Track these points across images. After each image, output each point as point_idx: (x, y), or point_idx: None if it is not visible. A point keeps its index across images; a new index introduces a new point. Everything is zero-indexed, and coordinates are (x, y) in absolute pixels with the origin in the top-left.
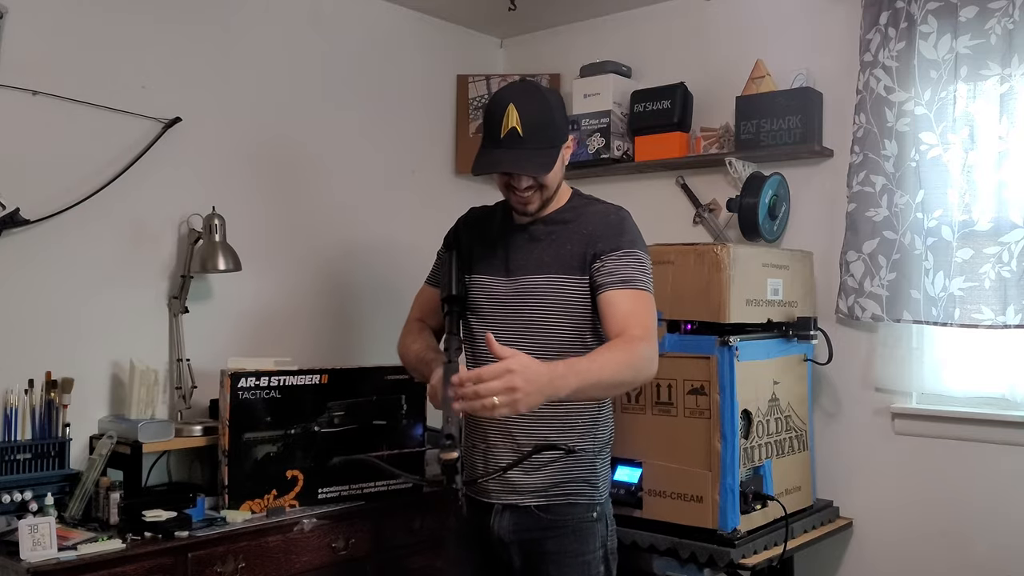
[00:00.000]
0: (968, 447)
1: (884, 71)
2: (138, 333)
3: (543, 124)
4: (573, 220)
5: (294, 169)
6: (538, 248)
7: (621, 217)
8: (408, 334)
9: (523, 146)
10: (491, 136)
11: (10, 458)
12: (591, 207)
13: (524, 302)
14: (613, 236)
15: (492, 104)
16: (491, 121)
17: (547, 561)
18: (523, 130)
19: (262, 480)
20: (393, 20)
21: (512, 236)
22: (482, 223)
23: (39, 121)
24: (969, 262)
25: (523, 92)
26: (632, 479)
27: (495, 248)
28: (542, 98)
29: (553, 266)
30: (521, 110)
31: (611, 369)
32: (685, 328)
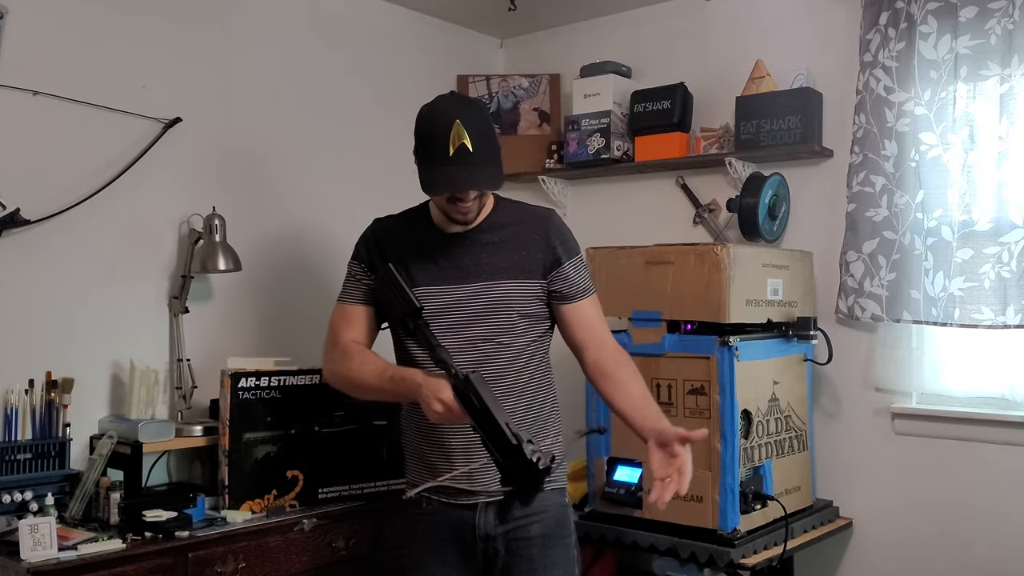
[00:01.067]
0: (968, 447)
1: (884, 71)
2: (138, 333)
3: (488, 136)
4: (512, 225)
5: (294, 169)
6: (487, 254)
7: (560, 219)
8: (347, 356)
9: (474, 161)
10: (438, 154)
11: (10, 458)
12: (523, 209)
13: (481, 308)
14: (565, 241)
15: (432, 121)
16: (436, 138)
17: (532, 545)
18: (472, 144)
19: (262, 480)
20: (393, 20)
21: (451, 244)
22: (403, 233)
23: (39, 121)
24: (969, 262)
25: (464, 106)
26: (632, 479)
27: (434, 257)
28: (479, 110)
29: (511, 271)
30: (468, 125)
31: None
32: (685, 328)
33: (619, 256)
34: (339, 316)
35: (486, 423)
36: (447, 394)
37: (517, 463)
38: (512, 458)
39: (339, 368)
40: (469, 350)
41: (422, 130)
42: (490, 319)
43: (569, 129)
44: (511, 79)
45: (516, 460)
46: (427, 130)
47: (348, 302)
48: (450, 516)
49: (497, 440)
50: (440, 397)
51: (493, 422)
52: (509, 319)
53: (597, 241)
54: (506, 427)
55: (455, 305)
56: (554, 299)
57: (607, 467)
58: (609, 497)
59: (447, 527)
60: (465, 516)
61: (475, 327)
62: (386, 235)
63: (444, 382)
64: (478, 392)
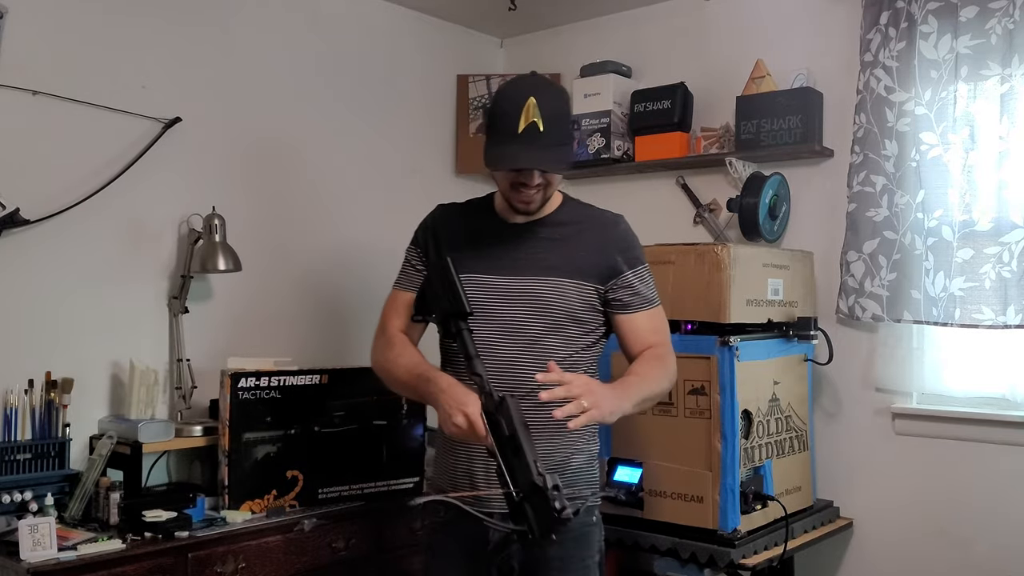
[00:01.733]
0: (968, 447)
1: (884, 71)
2: (138, 333)
3: (561, 118)
4: (575, 223)
5: (294, 169)
6: (543, 249)
7: (628, 226)
8: (389, 346)
9: (542, 141)
10: (506, 130)
11: (10, 458)
12: (590, 212)
13: (526, 303)
14: (630, 249)
15: (507, 96)
16: (507, 114)
17: (550, 568)
18: (543, 124)
19: (262, 480)
20: (393, 20)
21: (509, 234)
22: (463, 220)
23: (39, 121)
24: (969, 262)
25: (541, 85)
26: (632, 479)
27: (490, 245)
28: (558, 92)
29: (563, 270)
30: (541, 103)
31: (655, 381)
32: (685, 328)
33: None
34: (391, 302)
35: (511, 454)
36: (473, 409)
37: (537, 505)
38: (532, 498)
39: (379, 357)
40: (507, 348)
41: (495, 104)
42: (534, 317)
43: None
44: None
45: (536, 502)
46: (500, 104)
47: (402, 289)
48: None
49: (519, 475)
50: (465, 411)
51: (520, 455)
52: (555, 319)
53: None
54: (534, 464)
55: (499, 297)
56: (613, 307)
57: (607, 467)
58: (609, 497)
59: (463, 537)
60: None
61: (517, 323)
62: (445, 221)
63: (472, 395)
64: (511, 418)
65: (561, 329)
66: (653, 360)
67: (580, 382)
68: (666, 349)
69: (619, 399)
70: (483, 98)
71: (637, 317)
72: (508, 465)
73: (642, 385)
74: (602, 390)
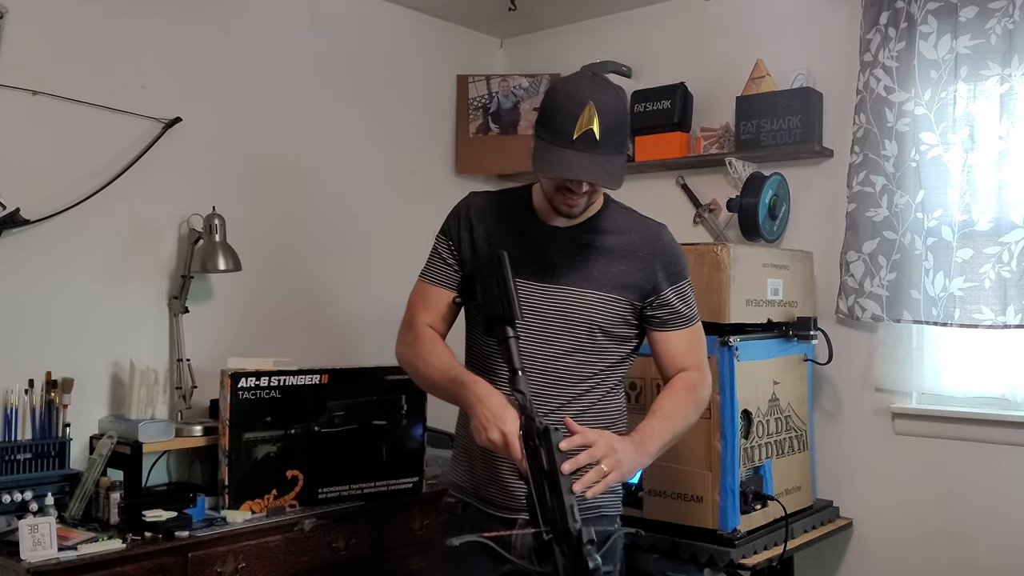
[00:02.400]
0: (968, 447)
1: (884, 71)
2: (138, 333)
3: (619, 129)
4: (619, 233)
5: (294, 169)
6: (581, 257)
7: (672, 238)
8: (419, 342)
9: (597, 151)
10: (561, 134)
11: (10, 458)
12: (634, 218)
13: (558, 313)
14: (674, 264)
15: (566, 96)
16: (563, 117)
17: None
18: (600, 134)
19: (262, 480)
20: (393, 20)
21: (550, 238)
22: (499, 213)
23: (39, 121)
24: (969, 262)
25: (601, 90)
26: (632, 479)
27: (524, 246)
28: (618, 99)
29: (602, 282)
30: (601, 111)
31: (683, 419)
32: None
33: None
34: (418, 295)
35: (547, 489)
36: (511, 428)
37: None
38: (563, 544)
39: (408, 353)
40: (534, 357)
41: (551, 104)
42: (565, 329)
43: None
44: (511, 79)
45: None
46: (556, 106)
47: (430, 282)
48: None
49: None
50: (503, 428)
51: (558, 494)
52: (589, 333)
53: None
54: (571, 509)
55: (534, 304)
56: (650, 324)
57: None
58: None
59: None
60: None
61: (547, 334)
62: (480, 212)
63: (511, 410)
64: (552, 453)
65: (592, 343)
66: (683, 393)
67: (602, 443)
68: (700, 375)
69: (640, 454)
70: (483, 98)
71: (674, 336)
72: (541, 499)
73: (667, 428)
74: (623, 448)
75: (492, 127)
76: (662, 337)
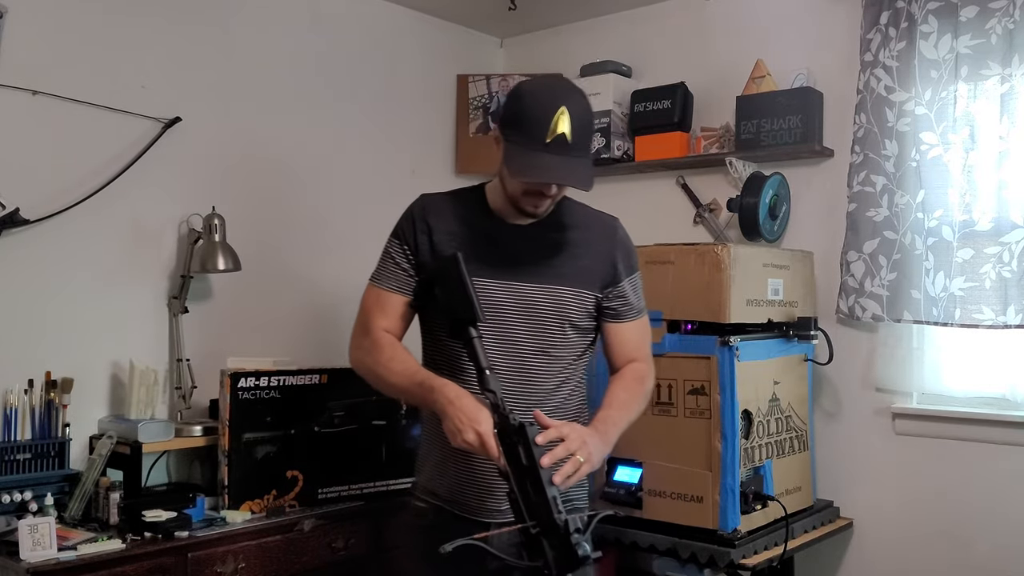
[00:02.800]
0: (968, 447)
1: (884, 71)
2: (138, 333)
3: (588, 131)
4: (577, 227)
5: (294, 169)
6: (548, 254)
7: (625, 230)
8: (378, 349)
9: (570, 153)
10: (535, 137)
11: (10, 458)
12: (589, 213)
13: (532, 311)
14: (629, 256)
15: (536, 101)
16: (536, 120)
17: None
18: (572, 137)
19: (262, 480)
20: (393, 20)
21: (511, 236)
22: (456, 214)
23: (39, 121)
24: (969, 262)
25: (571, 93)
26: (632, 479)
27: (488, 246)
28: (587, 101)
29: (572, 278)
30: (572, 114)
31: (636, 409)
32: (685, 328)
33: None
34: (372, 300)
35: (529, 485)
36: (486, 428)
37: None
38: (551, 537)
39: (367, 360)
40: (507, 356)
41: (521, 107)
42: (540, 325)
43: None
44: (511, 79)
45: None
46: (527, 109)
47: (384, 288)
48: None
49: (538, 509)
50: (478, 429)
51: (540, 489)
52: (560, 328)
53: None
54: (555, 501)
55: (504, 303)
56: (605, 316)
57: (607, 467)
58: (609, 497)
59: None
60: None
61: (521, 331)
62: (437, 213)
63: (484, 410)
64: (530, 448)
65: (564, 339)
66: (635, 384)
67: (575, 435)
68: (647, 366)
69: (606, 443)
70: (483, 98)
71: (627, 327)
72: (524, 494)
73: (623, 418)
74: (593, 439)
75: (492, 127)
76: (616, 329)
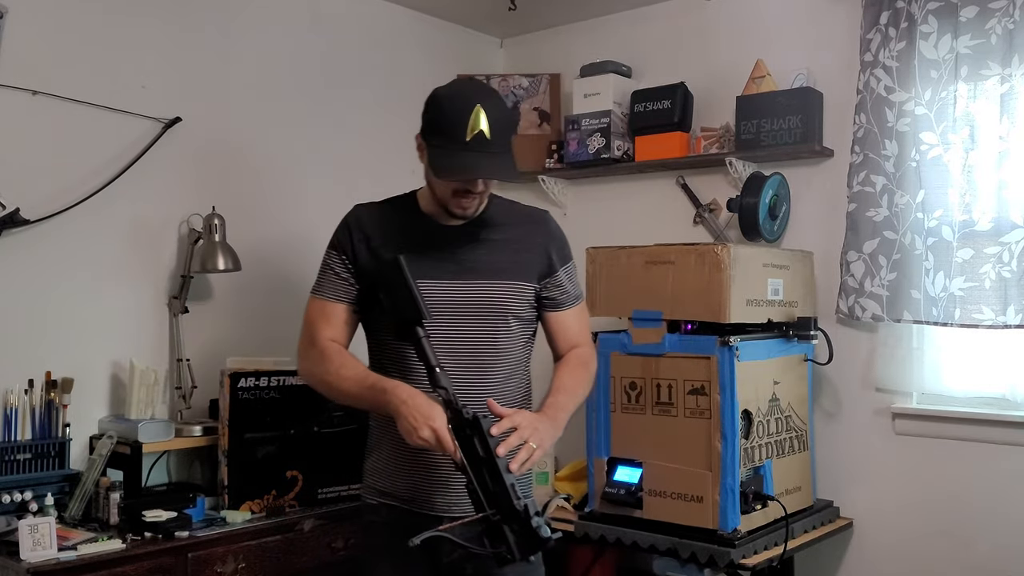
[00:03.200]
0: (968, 447)
1: (884, 71)
2: (138, 333)
3: (506, 126)
4: (509, 224)
5: (294, 168)
6: (486, 251)
7: (556, 223)
8: (326, 359)
9: (490, 149)
10: (453, 137)
11: (10, 458)
12: (520, 209)
13: (479, 307)
14: (562, 247)
15: (451, 103)
16: (454, 121)
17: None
18: (491, 133)
19: (262, 480)
20: (393, 20)
21: (447, 237)
22: (391, 221)
23: (39, 121)
24: (969, 262)
25: (485, 92)
26: (632, 479)
27: (428, 249)
28: (501, 98)
29: (512, 272)
30: (489, 112)
31: (582, 392)
32: (685, 328)
33: (619, 256)
34: (316, 312)
35: (487, 475)
36: (440, 423)
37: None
38: (512, 522)
39: (317, 370)
40: (459, 352)
41: (438, 111)
42: (487, 320)
43: (569, 129)
44: (511, 79)
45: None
46: (444, 112)
47: (326, 298)
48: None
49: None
50: (432, 425)
51: (498, 477)
52: (505, 322)
53: (597, 241)
54: (512, 488)
55: (450, 302)
56: (545, 306)
57: (607, 467)
58: (609, 497)
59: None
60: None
61: (467, 328)
62: (372, 222)
63: (436, 407)
64: (485, 439)
65: (509, 331)
66: (579, 369)
67: (527, 423)
68: (590, 350)
69: (556, 428)
70: None
71: (566, 315)
72: (482, 484)
73: (571, 402)
74: (543, 425)
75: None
76: (556, 317)
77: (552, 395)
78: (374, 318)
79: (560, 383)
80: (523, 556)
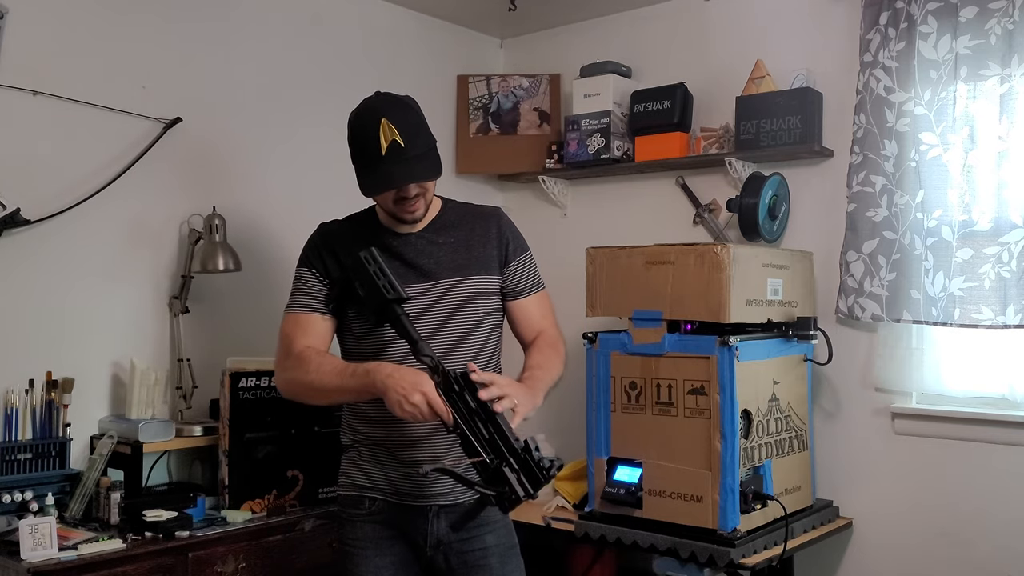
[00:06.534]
0: (968, 447)
1: (884, 71)
2: (138, 333)
3: (417, 128)
4: (463, 224)
5: (294, 168)
6: (445, 253)
7: (508, 217)
8: (304, 362)
9: (408, 155)
10: (371, 154)
11: (10, 458)
12: (472, 209)
13: (448, 306)
14: (516, 237)
15: (361, 123)
16: (365, 139)
17: (490, 554)
18: (403, 140)
19: (262, 480)
20: (393, 20)
21: (406, 245)
22: (354, 236)
23: (39, 121)
24: (969, 262)
25: (389, 103)
26: (632, 479)
27: (392, 257)
28: (406, 104)
29: (473, 268)
30: (395, 121)
31: (555, 371)
32: (685, 328)
33: (619, 256)
34: (291, 325)
35: (483, 423)
36: (429, 387)
37: (519, 467)
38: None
39: (295, 375)
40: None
41: (353, 134)
42: (457, 317)
43: (569, 129)
44: (511, 79)
45: (518, 463)
46: (357, 133)
47: (301, 311)
48: (399, 518)
49: (497, 442)
50: (422, 390)
51: (495, 421)
52: (475, 316)
53: (597, 241)
54: (509, 429)
55: (420, 306)
56: (507, 296)
57: (607, 467)
58: (609, 497)
59: (395, 529)
60: (417, 520)
61: (442, 326)
62: (338, 238)
63: (422, 374)
64: (475, 390)
65: (479, 325)
66: (548, 349)
67: (504, 382)
68: (556, 333)
69: (534, 396)
70: (483, 99)
71: (528, 302)
72: (476, 434)
73: (546, 379)
74: (522, 390)
75: (492, 127)
76: (518, 305)
77: (527, 371)
78: (349, 320)
79: (532, 361)
80: (527, 491)
